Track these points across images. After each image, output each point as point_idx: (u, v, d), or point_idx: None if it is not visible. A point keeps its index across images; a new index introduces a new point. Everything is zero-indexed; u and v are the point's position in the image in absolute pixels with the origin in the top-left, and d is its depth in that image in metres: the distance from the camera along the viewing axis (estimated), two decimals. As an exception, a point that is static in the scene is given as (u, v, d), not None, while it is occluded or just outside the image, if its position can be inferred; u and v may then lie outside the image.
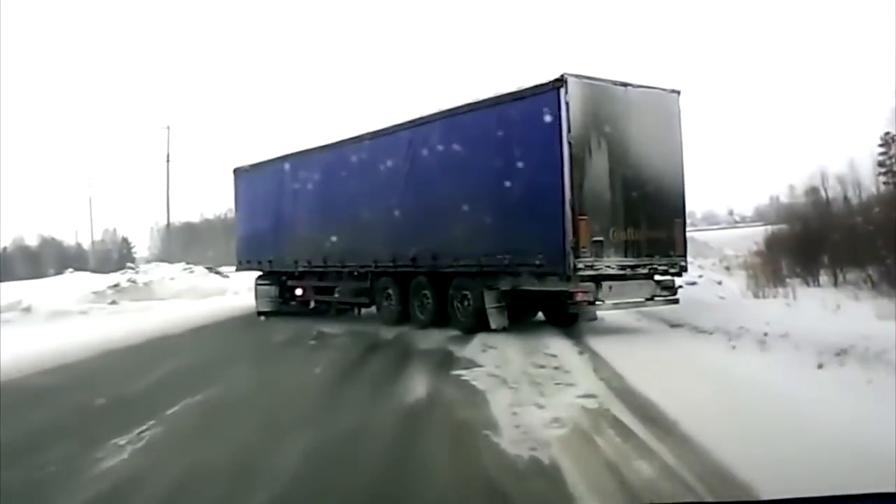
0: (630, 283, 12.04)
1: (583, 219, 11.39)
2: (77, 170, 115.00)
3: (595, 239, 11.52)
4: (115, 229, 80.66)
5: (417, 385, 8.42)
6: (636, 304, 12.44)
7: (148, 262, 43.20)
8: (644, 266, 12.13)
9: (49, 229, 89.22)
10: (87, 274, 32.34)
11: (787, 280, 15.99)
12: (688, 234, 13.42)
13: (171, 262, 33.15)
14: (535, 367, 9.31)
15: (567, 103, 11.31)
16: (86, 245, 74.58)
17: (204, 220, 78.27)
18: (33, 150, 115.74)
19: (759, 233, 23.44)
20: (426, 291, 14.25)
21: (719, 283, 17.46)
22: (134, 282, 26.40)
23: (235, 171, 21.10)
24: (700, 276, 17.61)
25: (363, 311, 17.14)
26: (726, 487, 4.42)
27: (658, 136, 12.39)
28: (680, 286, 12.65)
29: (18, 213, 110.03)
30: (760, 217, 67.04)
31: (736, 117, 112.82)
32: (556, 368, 9.22)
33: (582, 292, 11.63)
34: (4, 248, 72.36)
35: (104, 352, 12.60)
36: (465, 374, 9.01)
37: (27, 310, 18.88)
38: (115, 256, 72.90)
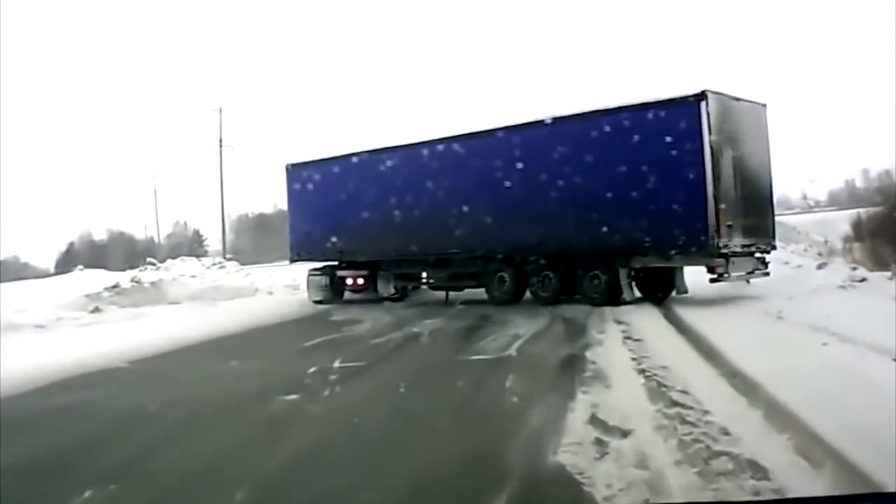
0: (745, 258, 14.27)
1: (721, 207, 13.46)
2: (143, 162, 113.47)
3: (728, 224, 13.61)
4: (185, 222, 77.27)
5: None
6: (745, 277, 14.54)
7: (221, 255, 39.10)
8: (752, 245, 14.43)
9: (118, 223, 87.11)
10: (100, 272, 27.95)
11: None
12: (780, 219, 16.76)
13: (241, 255, 29.05)
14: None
15: (708, 113, 13.45)
16: (159, 239, 71.69)
17: (278, 210, 74.79)
18: (99, 142, 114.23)
19: (839, 217, 25.20)
20: (548, 273, 15.99)
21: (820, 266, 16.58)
22: (138, 282, 21.86)
23: (289, 166, 21.20)
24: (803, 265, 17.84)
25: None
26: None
27: (756, 139, 14.79)
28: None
29: (86, 207, 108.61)
30: (834, 201, 62.38)
31: (807, 100, 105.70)
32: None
33: (720, 266, 13.77)
34: (71, 243, 69.74)
35: None
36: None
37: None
38: (185, 250, 69.30)
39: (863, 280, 13.00)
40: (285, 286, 23.05)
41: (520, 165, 15.98)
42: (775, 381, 6.41)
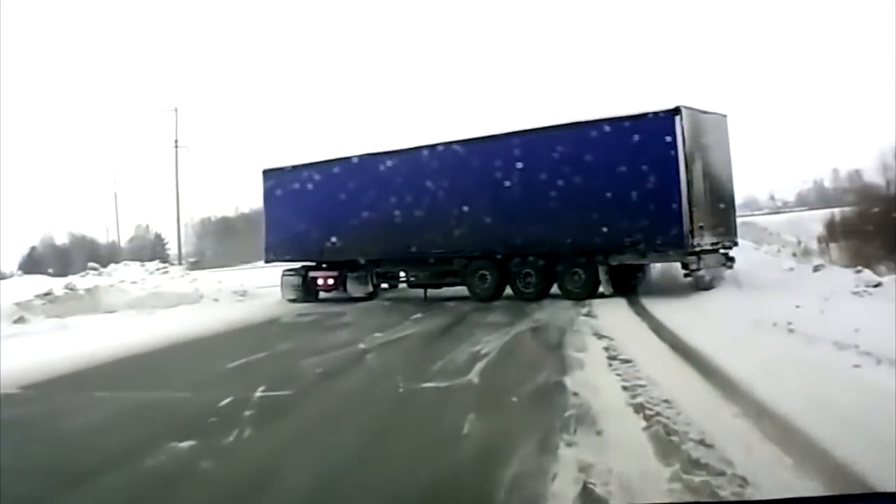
0: (712, 255, 15.35)
1: (693, 209, 14.55)
2: (104, 164, 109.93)
3: (699, 224, 14.70)
4: (147, 225, 74.92)
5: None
6: (712, 271, 15.33)
7: (184, 258, 36.84)
8: (718, 243, 15.59)
9: (80, 227, 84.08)
10: (40, 278, 25.54)
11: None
12: (750, 220, 19.87)
13: (203, 258, 27.11)
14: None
15: (682, 126, 14.52)
16: (121, 242, 69.24)
17: (240, 214, 72.56)
18: (59, 147, 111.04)
19: (810, 217, 26.55)
20: (530, 271, 16.62)
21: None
22: (72, 289, 19.82)
23: (265, 171, 21.52)
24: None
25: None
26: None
27: (720, 148, 16.00)
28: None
29: (47, 211, 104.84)
30: (803, 202, 62.29)
31: (774, 103, 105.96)
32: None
33: (692, 262, 14.77)
34: (34, 248, 67.71)
35: None
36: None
37: None
38: (148, 253, 66.97)
39: (877, 285, 11.19)
40: (232, 292, 21.27)
41: (512, 171, 16.65)
42: (813, 422, 4.89)
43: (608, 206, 15.21)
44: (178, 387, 8.43)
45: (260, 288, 22.35)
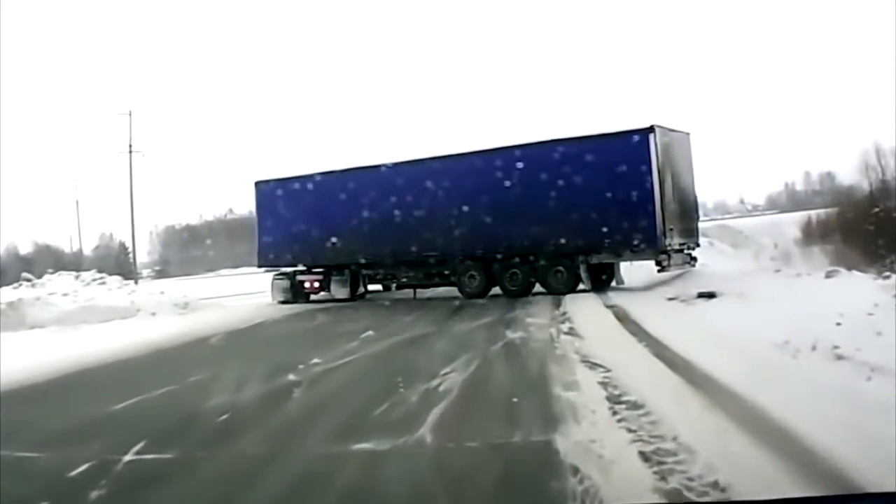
0: (679, 254, 17.35)
1: (665, 214, 16.41)
2: (66, 172, 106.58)
3: (670, 227, 16.58)
4: (111, 234, 71.85)
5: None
6: (679, 268, 17.41)
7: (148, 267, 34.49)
8: (685, 244, 17.65)
9: (44, 236, 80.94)
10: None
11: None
12: (725, 223, 23.22)
13: (167, 267, 25.55)
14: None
15: (656, 143, 16.33)
16: (83, 251, 66.39)
17: (204, 221, 70.03)
18: (22, 154, 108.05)
19: (784, 220, 26.25)
20: (515, 270, 18.16)
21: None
22: (-7, 303, 17.11)
23: (258, 183, 22.58)
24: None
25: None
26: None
27: (684, 161, 17.96)
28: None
29: (11, 220, 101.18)
30: (773, 204, 61.93)
31: (744, 106, 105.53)
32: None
33: (664, 259, 16.72)
34: (-2, 257, 64.44)
35: None
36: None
37: None
38: (112, 262, 64.52)
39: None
40: (173, 305, 18.85)
41: (506, 183, 18.02)
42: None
43: (592, 211, 16.82)
44: (31, 440, 5.99)
45: (203, 300, 20.50)
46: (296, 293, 20.97)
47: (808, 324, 7.98)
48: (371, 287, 21.05)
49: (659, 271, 17.03)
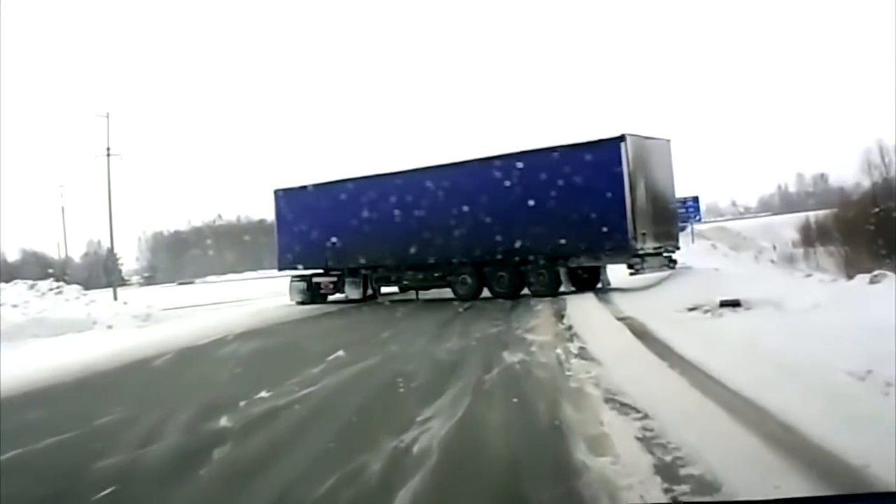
0: (655, 257, 17.47)
1: (637, 220, 16.63)
2: (50, 178, 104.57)
3: (642, 232, 16.79)
4: (99, 241, 69.91)
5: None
6: (656, 271, 17.47)
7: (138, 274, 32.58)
8: (660, 248, 17.72)
9: (31, 243, 78.85)
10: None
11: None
12: (724, 225, 23.00)
13: (156, 273, 24.55)
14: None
15: (627, 151, 16.61)
16: (69, 258, 64.35)
17: (192, 227, 67.98)
18: (7, 159, 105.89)
19: (779, 222, 28.21)
20: (502, 273, 18.61)
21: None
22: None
23: (277, 191, 23.38)
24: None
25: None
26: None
27: (663, 167, 18.15)
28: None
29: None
30: (766, 207, 61.25)
31: (736, 108, 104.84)
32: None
33: (636, 263, 16.96)
34: (-17, 265, 62.49)
35: None
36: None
37: None
38: (101, 269, 63.18)
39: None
40: (133, 317, 16.78)
41: (490, 192, 18.51)
42: None
43: (568, 218, 17.16)
44: None
45: (171, 310, 18.73)
46: (313, 294, 21.84)
47: (881, 344, 5.99)
48: (384, 290, 21.58)
49: (631, 275, 17.21)
